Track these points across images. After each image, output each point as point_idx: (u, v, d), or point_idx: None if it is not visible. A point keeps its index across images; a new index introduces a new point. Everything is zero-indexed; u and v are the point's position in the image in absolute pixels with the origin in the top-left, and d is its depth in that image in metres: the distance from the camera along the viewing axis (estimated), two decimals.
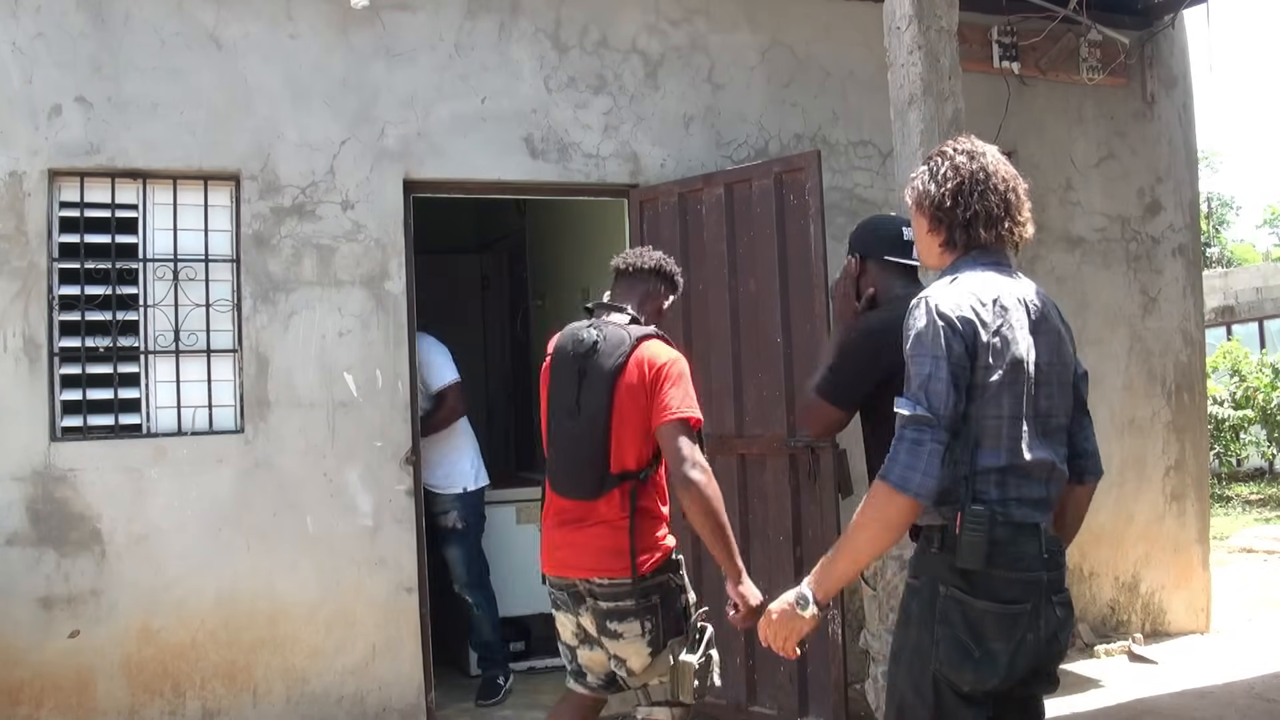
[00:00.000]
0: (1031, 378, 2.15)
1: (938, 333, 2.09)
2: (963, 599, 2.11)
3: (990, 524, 2.07)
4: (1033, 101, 5.76)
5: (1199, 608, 6.03)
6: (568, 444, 2.81)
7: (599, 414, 2.73)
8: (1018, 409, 2.12)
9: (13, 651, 4.06)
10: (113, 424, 4.30)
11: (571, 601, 2.84)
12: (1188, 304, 6.14)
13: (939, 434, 2.06)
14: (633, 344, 2.77)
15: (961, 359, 2.09)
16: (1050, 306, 2.26)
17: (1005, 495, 2.12)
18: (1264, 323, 15.40)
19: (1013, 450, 2.11)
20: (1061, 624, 2.20)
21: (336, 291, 4.53)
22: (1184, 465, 6.04)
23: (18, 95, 4.21)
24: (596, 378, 2.75)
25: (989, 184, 2.24)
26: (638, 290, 3.04)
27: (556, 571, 2.84)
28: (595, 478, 2.75)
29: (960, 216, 2.24)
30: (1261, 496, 12.23)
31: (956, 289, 2.16)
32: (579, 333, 2.85)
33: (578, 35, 4.95)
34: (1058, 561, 2.20)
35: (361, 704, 4.44)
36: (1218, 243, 25.78)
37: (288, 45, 4.54)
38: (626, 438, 2.75)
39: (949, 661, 2.12)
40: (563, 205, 6.11)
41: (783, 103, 5.24)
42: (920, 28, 3.81)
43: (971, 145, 2.32)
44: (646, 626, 2.74)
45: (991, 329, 2.11)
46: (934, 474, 2.05)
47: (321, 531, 4.43)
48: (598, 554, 2.75)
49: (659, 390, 2.73)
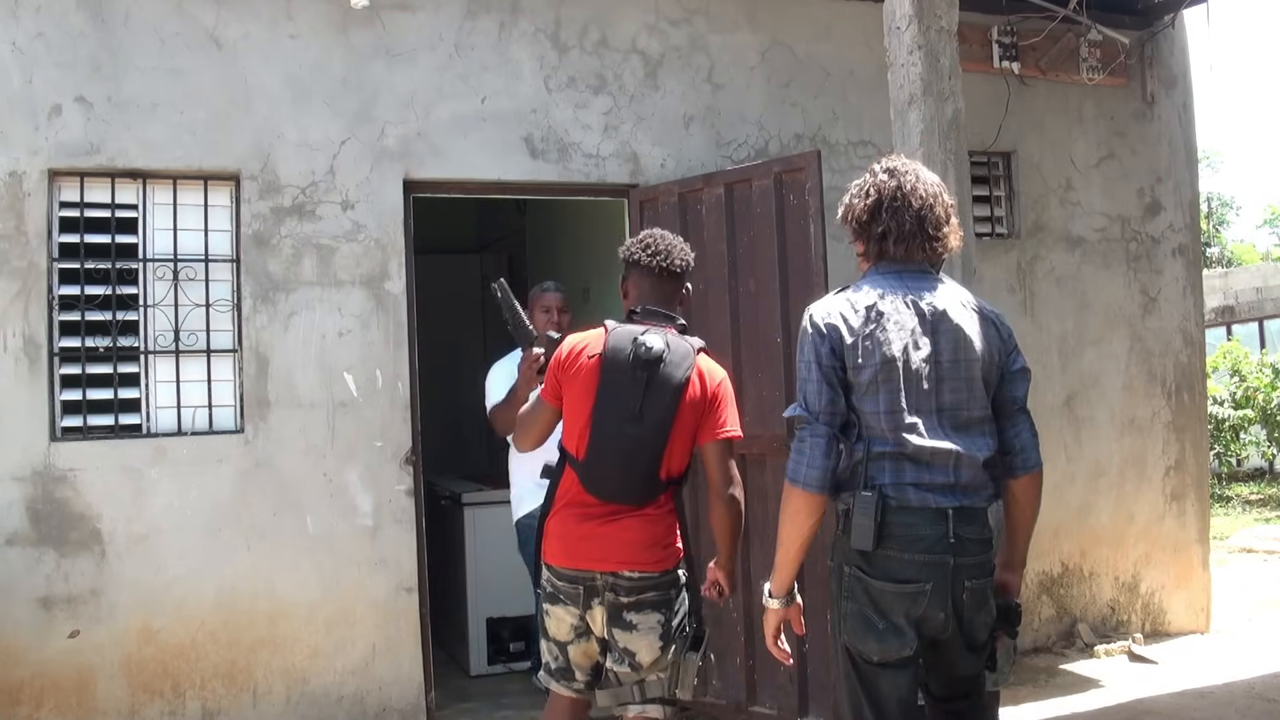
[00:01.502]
0: (922, 374, 2.32)
1: (809, 339, 2.35)
2: (863, 578, 2.31)
3: (879, 508, 2.26)
4: (1033, 101, 5.76)
5: (1199, 608, 6.03)
6: (625, 450, 2.76)
7: (664, 423, 2.75)
8: (895, 403, 2.30)
9: (13, 651, 4.06)
10: (113, 424, 4.30)
11: (584, 595, 2.80)
12: (1188, 304, 6.14)
13: (817, 428, 2.30)
14: (695, 356, 2.81)
15: (831, 360, 2.32)
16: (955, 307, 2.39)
17: (900, 480, 2.29)
18: (1264, 323, 15.40)
19: (899, 441, 2.29)
20: (970, 608, 2.33)
21: (336, 291, 4.53)
22: (1184, 465, 6.04)
23: (18, 95, 4.21)
24: (664, 388, 2.75)
25: (905, 202, 2.41)
26: (677, 292, 3.00)
27: (576, 564, 2.80)
28: (648, 485, 2.78)
29: (874, 231, 2.44)
30: (1261, 496, 12.23)
31: (834, 298, 2.40)
32: (644, 339, 2.77)
33: (578, 35, 4.95)
34: (972, 548, 2.32)
35: (361, 704, 4.44)
36: (1218, 243, 25.80)
37: (288, 45, 4.54)
38: (678, 447, 2.81)
39: (855, 634, 2.33)
40: (563, 205, 6.11)
41: (783, 103, 5.24)
42: (920, 28, 3.81)
43: (896, 164, 2.48)
44: (662, 619, 2.77)
45: (859, 333, 2.32)
46: (817, 464, 2.29)
47: (321, 531, 4.43)
48: (628, 547, 2.76)
49: (716, 407, 2.81)
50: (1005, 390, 2.44)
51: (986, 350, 2.40)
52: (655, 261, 2.94)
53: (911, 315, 2.35)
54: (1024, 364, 2.48)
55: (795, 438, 2.33)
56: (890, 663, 2.30)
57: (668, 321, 2.89)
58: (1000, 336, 2.45)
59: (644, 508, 2.78)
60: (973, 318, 2.41)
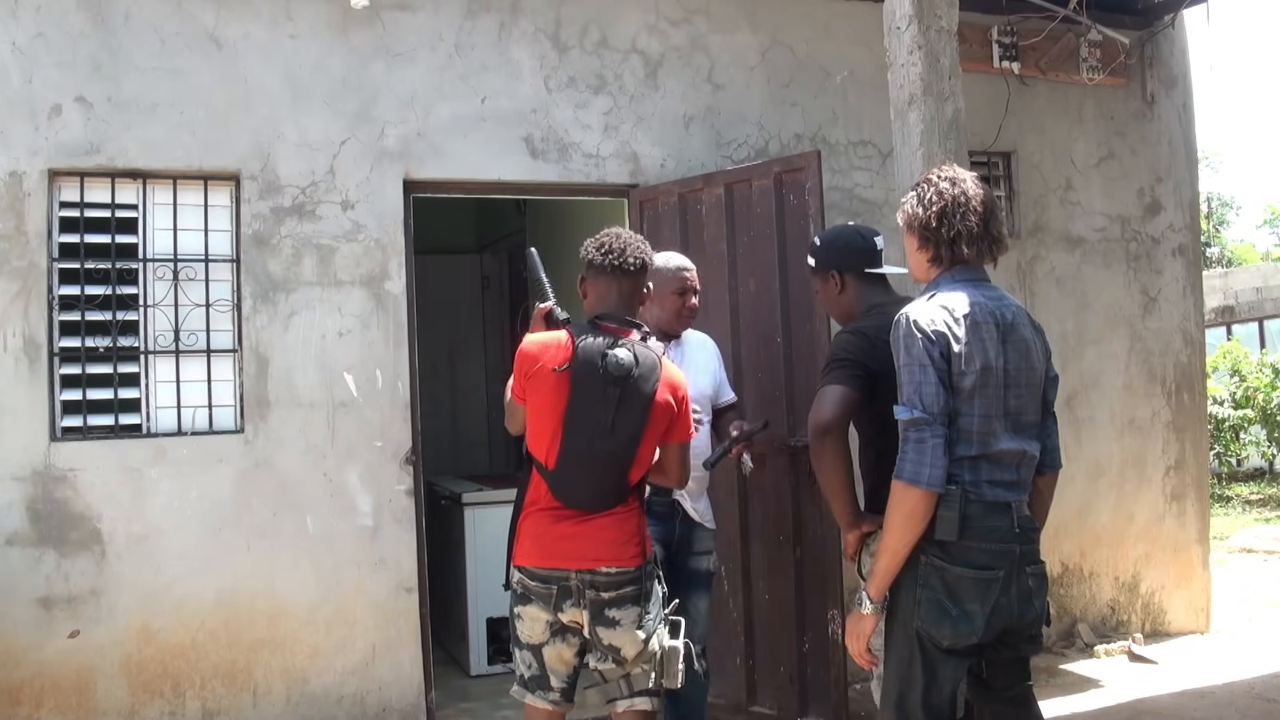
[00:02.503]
0: (1001, 381, 2.47)
1: (919, 344, 2.43)
2: (941, 565, 2.43)
3: (963, 502, 2.40)
4: (1033, 101, 5.76)
5: (1199, 608, 6.03)
6: (595, 464, 2.80)
7: (635, 437, 2.81)
8: (989, 408, 2.45)
9: (13, 651, 4.06)
10: (113, 424, 4.30)
11: (557, 595, 2.80)
12: (1188, 304, 6.14)
13: (936, 429, 2.39)
14: (660, 367, 2.85)
15: (942, 364, 2.43)
16: (1022, 317, 2.57)
17: (978, 478, 2.44)
18: (1264, 323, 15.40)
19: (984, 443, 2.44)
20: (1035, 591, 2.51)
21: (336, 291, 4.53)
22: (1184, 465, 6.05)
23: (18, 95, 4.21)
24: (635, 401, 2.79)
25: (969, 206, 2.56)
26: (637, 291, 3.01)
27: (552, 563, 2.81)
28: (617, 494, 2.84)
29: (945, 235, 2.56)
30: (1261, 496, 12.23)
31: (932, 306, 2.49)
32: (615, 354, 2.78)
33: (578, 35, 4.95)
34: (1029, 537, 2.53)
35: (361, 704, 4.44)
36: (1218, 243, 25.78)
37: (288, 45, 4.54)
38: (646, 454, 2.87)
39: (929, 619, 2.43)
40: (563, 205, 6.11)
41: (783, 103, 5.24)
42: (920, 28, 3.81)
43: (954, 173, 2.62)
44: (640, 613, 2.81)
45: (963, 340, 2.44)
46: (940, 464, 2.38)
47: (321, 531, 4.43)
48: (603, 545, 2.80)
49: (685, 411, 2.91)
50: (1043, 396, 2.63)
51: (1041, 359, 2.59)
52: (609, 260, 2.96)
53: (993, 325, 2.49)
54: (1056, 372, 2.69)
55: (912, 439, 2.40)
56: (957, 650, 2.45)
57: (631, 328, 2.91)
58: (1044, 345, 2.63)
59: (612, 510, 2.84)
60: (1030, 328, 2.59)
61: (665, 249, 4.77)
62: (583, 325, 2.92)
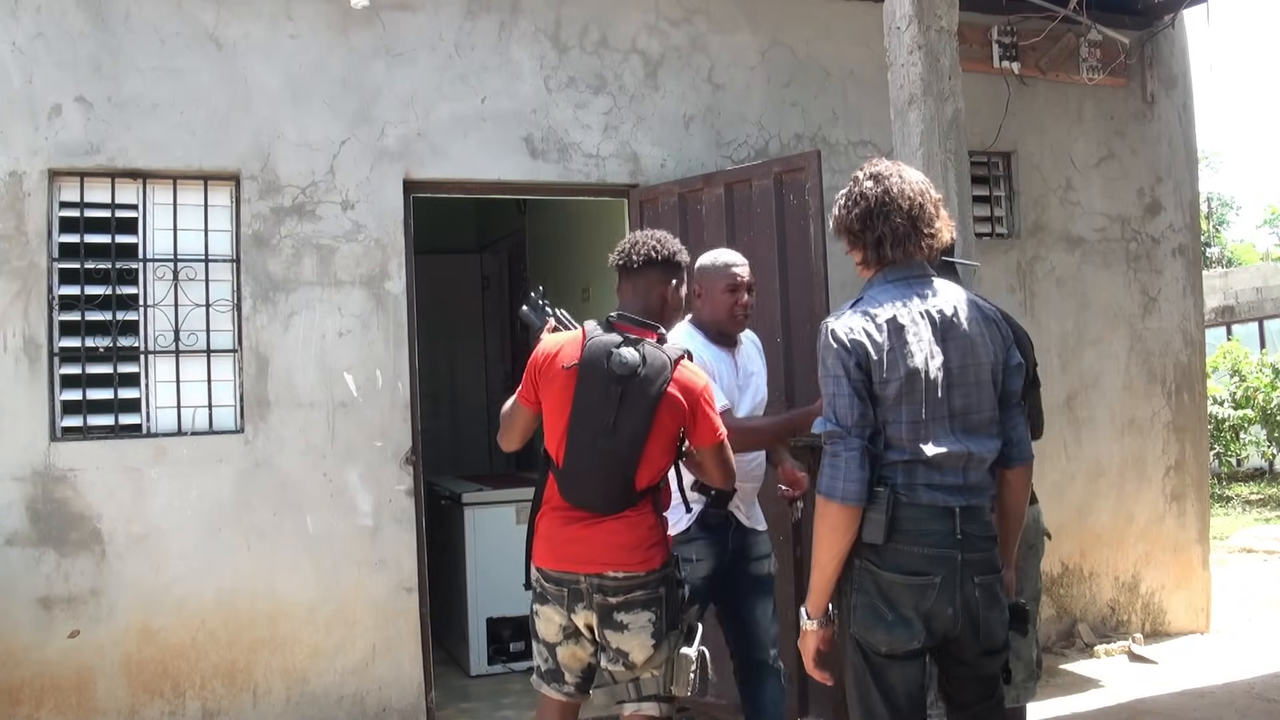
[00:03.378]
0: (938, 382, 2.37)
1: (834, 354, 2.37)
2: (873, 570, 2.35)
3: (892, 504, 2.32)
4: (1033, 101, 5.76)
5: (1199, 608, 6.03)
6: (598, 463, 2.79)
7: (638, 437, 2.76)
8: (917, 414, 2.35)
9: (13, 651, 4.06)
10: (113, 424, 4.30)
11: (569, 597, 2.81)
12: (1188, 304, 6.14)
13: (851, 442, 2.33)
14: (672, 367, 2.80)
15: (859, 374, 2.35)
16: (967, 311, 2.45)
17: (912, 480, 2.35)
18: (1264, 323, 15.39)
19: (915, 449, 2.34)
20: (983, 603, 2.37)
21: (336, 291, 4.53)
22: (1184, 465, 6.04)
23: (18, 95, 4.21)
24: (639, 401, 2.76)
25: (894, 205, 2.44)
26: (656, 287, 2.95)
27: (561, 566, 2.82)
28: (622, 496, 2.79)
29: (870, 238, 2.46)
30: (1261, 496, 12.22)
31: (852, 315, 2.41)
32: (620, 352, 2.78)
33: (578, 35, 4.95)
34: (979, 545, 2.38)
35: (361, 704, 4.44)
36: (1218, 243, 25.78)
37: (288, 45, 4.54)
38: (655, 456, 2.81)
39: (864, 625, 2.37)
40: (563, 205, 6.11)
41: (783, 103, 5.24)
42: (920, 28, 3.81)
43: (880, 169, 2.51)
44: (652, 618, 2.77)
45: (883, 347, 2.36)
46: (854, 478, 2.32)
47: (321, 531, 4.43)
48: (611, 549, 2.77)
49: (703, 414, 2.83)
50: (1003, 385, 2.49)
51: (992, 351, 2.45)
52: (618, 261, 2.97)
53: (926, 325, 2.39)
54: (1019, 360, 2.52)
55: (828, 453, 2.35)
56: (899, 655, 2.35)
57: (648, 329, 2.87)
58: (1001, 334, 2.50)
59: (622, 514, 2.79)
60: (977, 319, 2.46)
61: None
62: (599, 324, 2.90)
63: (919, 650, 2.36)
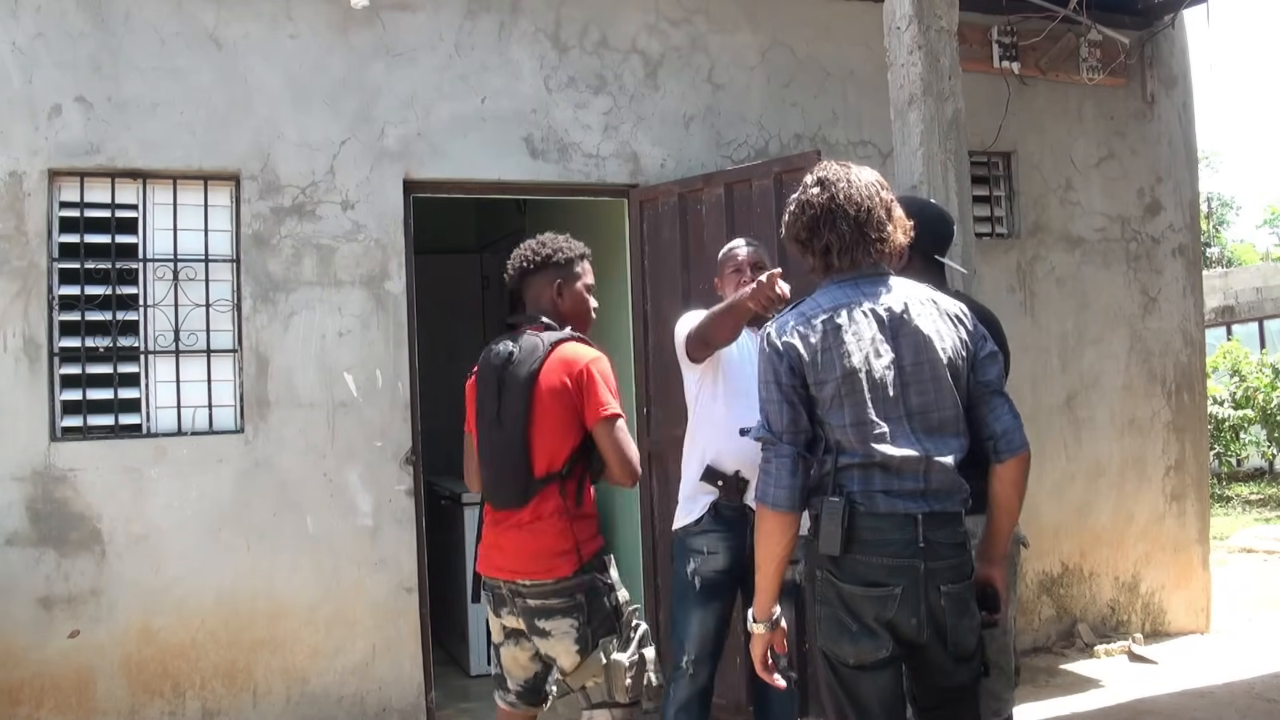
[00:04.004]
0: (887, 380, 2.30)
1: (766, 359, 2.35)
2: (834, 581, 2.29)
3: (848, 514, 2.25)
4: (1033, 101, 5.76)
5: (1199, 608, 6.03)
6: (494, 455, 2.85)
7: (518, 421, 2.78)
8: (862, 414, 2.28)
9: (13, 651, 4.06)
10: (113, 424, 4.30)
11: (495, 601, 2.87)
12: (1188, 304, 6.14)
13: (780, 448, 2.31)
14: (547, 349, 2.82)
15: (790, 379, 2.32)
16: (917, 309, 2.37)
17: (869, 488, 2.28)
18: (1264, 323, 15.39)
19: (867, 451, 2.28)
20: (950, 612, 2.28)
21: (336, 291, 4.53)
22: (1184, 465, 6.04)
23: (18, 95, 4.21)
24: (514, 386, 2.80)
25: (840, 212, 2.38)
26: (544, 290, 2.97)
27: (487, 572, 2.88)
28: (520, 485, 2.79)
29: (817, 246, 2.42)
30: (1261, 496, 12.23)
31: (789, 315, 2.39)
32: (494, 346, 2.91)
33: (578, 35, 4.95)
34: (943, 553, 2.29)
35: (361, 704, 4.44)
36: (1218, 243, 25.78)
37: (288, 45, 4.54)
38: (547, 440, 2.79)
39: (830, 637, 2.30)
40: (563, 205, 6.10)
41: (783, 103, 5.24)
42: (920, 28, 3.82)
43: (826, 174, 2.44)
44: (573, 625, 2.76)
45: (816, 348, 2.31)
46: (784, 484, 2.29)
47: (321, 531, 4.43)
48: (519, 557, 2.79)
49: (590, 389, 2.78)
50: (976, 376, 2.41)
51: (951, 346, 2.37)
52: (505, 274, 3.04)
53: (870, 323, 2.33)
54: (993, 348, 2.45)
55: (762, 459, 2.35)
56: (867, 665, 2.28)
57: (538, 325, 2.92)
58: (966, 328, 2.42)
59: (524, 510, 2.78)
60: (931, 316, 2.38)
61: (665, 249, 4.80)
62: None
63: (889, 659, 2.28)
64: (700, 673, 3.34)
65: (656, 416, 4.73)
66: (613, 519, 5.72)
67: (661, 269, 4.79)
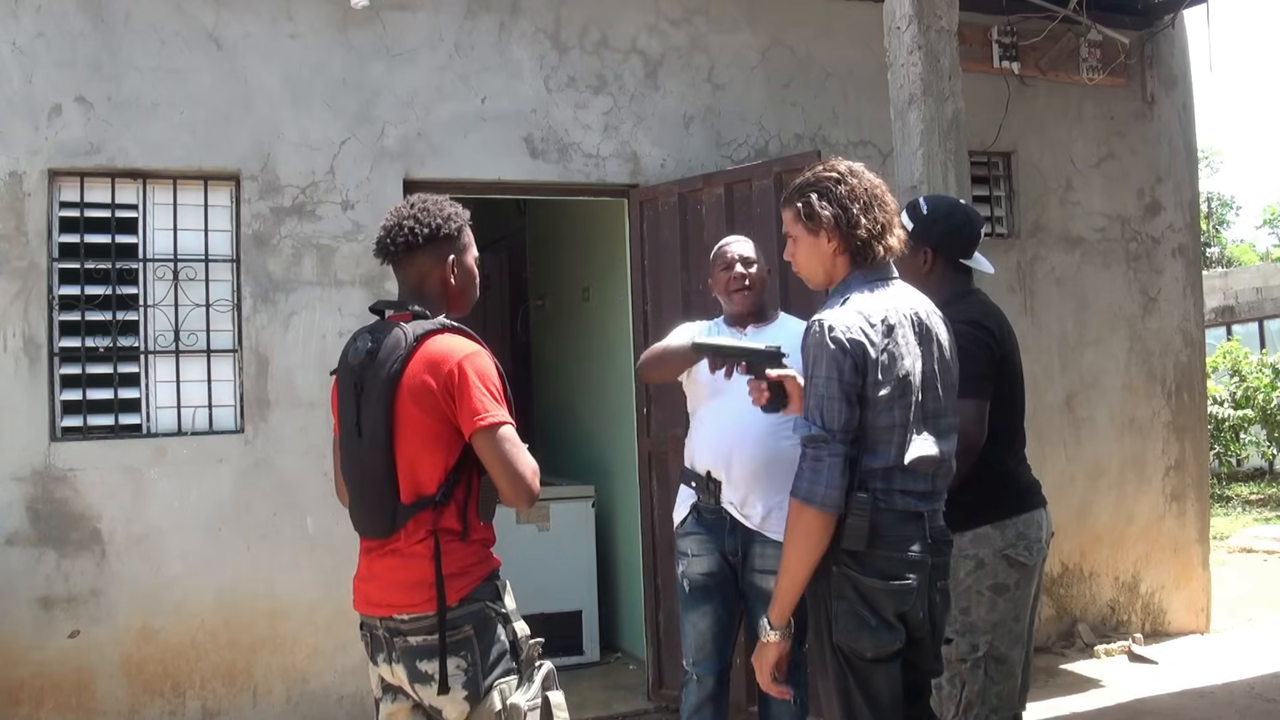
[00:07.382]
0: (918, 385, 2.32)
1: (830, 355, 2.25)
2: (853, 575, 2.27)
3: (872, 510, 2.25)
4: (1033, 101, 5.76)
5: (1199, 608, 6.03)
6: (353, 473, 2.33)
7: (377, 433, 2.24)
8: (906, 417, 2.29)
9: (13, 651, 4.06)
10: (113, 424, 4.30)
11: (372, 645, 2.35)
12: (1188, 304, 6.14)
13: (835, 448, 2.23)
14: (412, 344, 2.26)
15: (853, 377, 2.25)
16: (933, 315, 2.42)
17: (890, 487, 2.29)
18: (1264, 323, 15.40)
19: (898, 454, 2.28)
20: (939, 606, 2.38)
21: (336, 291, 4.53)
22: (1184, 465, 6.04)
23: (18, 95, 4.21)
24: (373, 391, 2.26)
25: (883, 199, 2.38)
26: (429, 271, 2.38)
27: (360, 609, 2.36)
28: (387, 512, 2.26)
29: (866, 233, 2.35)
30: (1261, 496, 12.23)
31: (847, 311, 2.31)
32: (353, 343, 2.36)
33: (578, 35, 4.95)
34: (941, 550, 2.38)
35: (361, 704, 4.44)
36: (1218, 243, 25.77)
37: (288, 45, 4.54)
38: (414, 457, 2.25)
39: (848, 632, 2.28)
40: (563, 205, 6.11)
41: (783, 103, 5.24)
42: (920, 28, 3.81)
43: (850, 166, 2.42)
44: (459, 666, 2.21)
45: (880, 347, 2.27)
46: (835, 484, 2.23)
47: (321, 531, 4.43)
48: (393, 587, 2.26)
49: (461, 392, 2.21)
50: None
51: (953, 356, 2.44)
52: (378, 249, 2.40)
53: (909, 327, 2.34)
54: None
55: (809, 456, 2.24)
56: (883, 658, 2.29)
57: (408, 312, 2.35)
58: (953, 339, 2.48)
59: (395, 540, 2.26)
60: (941, 325, 2.43)
61: (665, 249, 4.80)
62: None
63: (899, 651, 2.31)
64: (706, 677, 3.27)
65: (656, 416, 4.73)
66: (613, 519, 5.72)
67: (661, 269, 4.80)
